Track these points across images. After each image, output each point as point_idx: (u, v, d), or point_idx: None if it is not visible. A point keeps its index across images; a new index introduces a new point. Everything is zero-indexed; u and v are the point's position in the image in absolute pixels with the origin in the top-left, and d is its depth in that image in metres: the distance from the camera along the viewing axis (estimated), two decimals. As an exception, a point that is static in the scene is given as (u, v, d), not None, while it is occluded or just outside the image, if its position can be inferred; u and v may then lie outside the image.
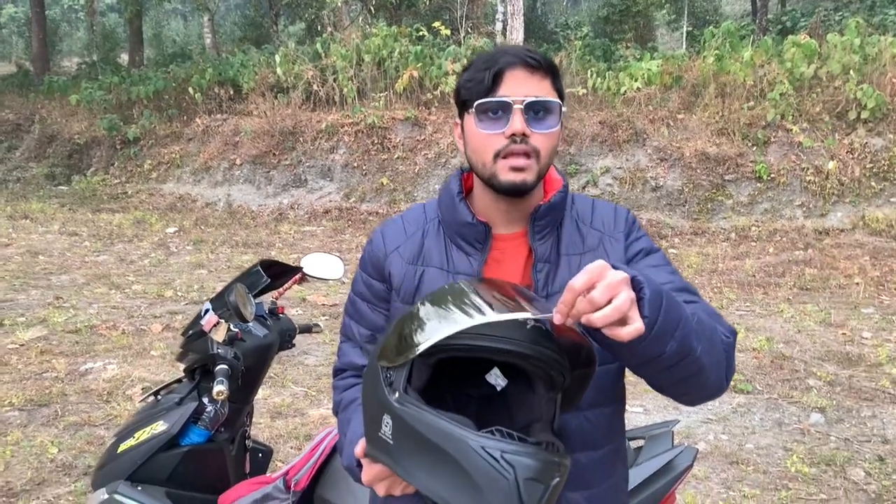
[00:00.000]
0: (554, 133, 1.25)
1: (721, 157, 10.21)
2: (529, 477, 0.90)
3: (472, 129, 1.26)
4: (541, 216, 1.30)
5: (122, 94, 14.87)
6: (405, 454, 0.97)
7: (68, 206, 12.42)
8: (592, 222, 1.36)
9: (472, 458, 0.91)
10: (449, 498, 0.93)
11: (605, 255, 1.30)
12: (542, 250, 1.30)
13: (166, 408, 1.96)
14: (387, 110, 12.12)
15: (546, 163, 1.26)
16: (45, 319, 5.94)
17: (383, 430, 0.99)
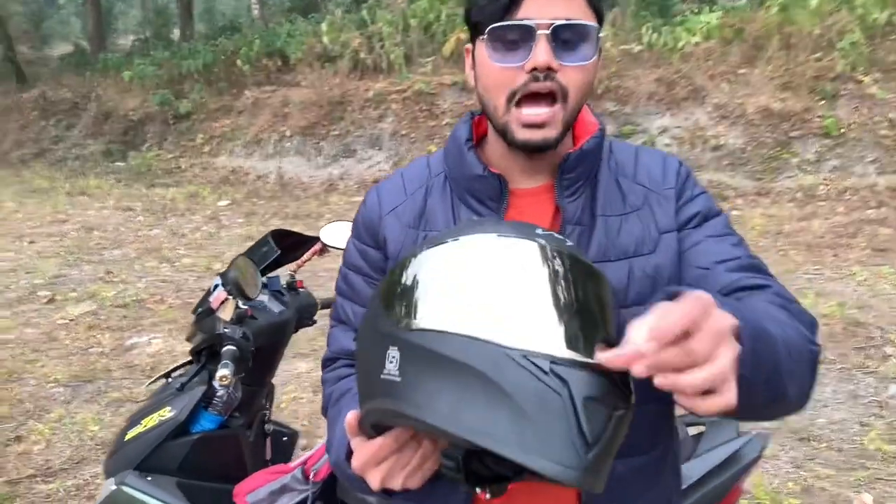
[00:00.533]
0: (589, 66, 0.98)
1: (786, 113, 9.67)
2: (590, 395, 0.68)
3: (484, 60, 1.00)
4: (570, 168, 1.04)
5: (173, 69, 14.96)
6: (417, 387, 0.72)
7: (124, 181, 12.61)
8: (636, 175, 1.10)
9: (510, 372, 0.67)
10: (480, 428, 0.67)
11: (652, 217, 1.06)
12: (572, 209, 1.05)
13: (173, 392, 1.81)
14: (434, 76, 11.87)
15: (576, 106, 1.00)
16: (95, 294, 5.96)
17: (388, 370, 0.74)
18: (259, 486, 1.78)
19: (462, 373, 0.69)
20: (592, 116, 1.11)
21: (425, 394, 0.71)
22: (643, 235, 1.04)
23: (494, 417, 0.67)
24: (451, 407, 0.69)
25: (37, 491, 3.10)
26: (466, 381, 0.69)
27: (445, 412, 0.69)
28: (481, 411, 0.68)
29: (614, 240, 1.04)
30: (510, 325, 0.69)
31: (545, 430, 0.66)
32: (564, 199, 1.05)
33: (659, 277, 1.03)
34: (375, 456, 0.84)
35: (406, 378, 0.73)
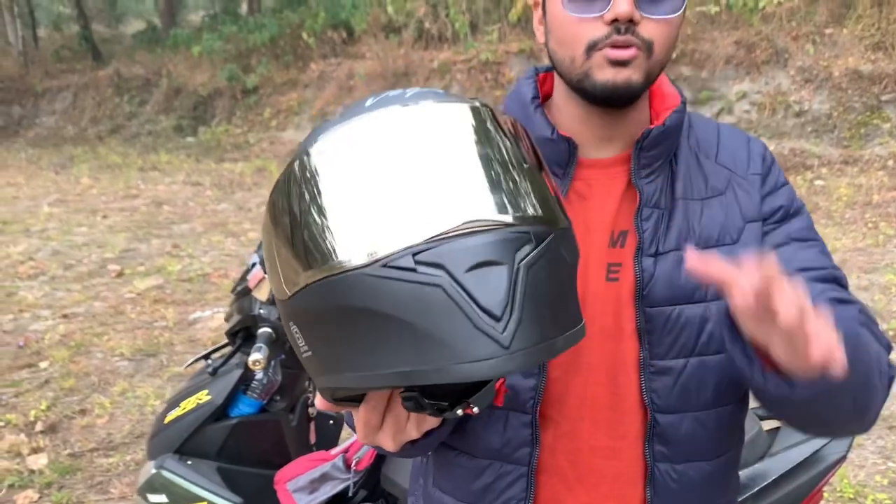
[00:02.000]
0: (674, 19, 0.88)
1: (877, 75, 9.06)
2: (473, 265, 0.54)
3: (557, 11, 0.89)
4: (650, 145, 0.93)
5: (241, 43, 15.10)
6: (322, 354, 0.61)
7: (194, 156, 12.83)
8: (718, 156, 0.98)
9: (381, 292, 0.55)
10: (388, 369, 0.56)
11: (737, 203, 0.95)
12: (651, 191, 0.93)
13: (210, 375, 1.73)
14: (500, 44, 11.61)
15: (661, 61, 0.89)
16: (161, 268, 6.04)
17: (301, 347, 0.63)
18: (300, 474, 1.68)
19: (346, 317, 0.57)
20: (673, 87, 0.99)
21: (332, 358, 0.60)
22: (726, 223, 0.94)
23: (395, 349, 0.56)
24: (356, 359, 0.58)
25: (97, 465, 3.12)
26: (354, 324, 0.57)
27: (353, 368, 0.58)
28: (381, 349, 0.56)
29: (696, 226, 0.93)
30: (368, 236, 0.56)
31: (445, 332, 0.54)
32: (642, 178, 0.94)
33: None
34: (368, 424, 0.74)
35: (313, 349, 0.62)
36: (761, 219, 0.96)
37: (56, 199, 9.37)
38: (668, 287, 0.91)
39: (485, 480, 0.96)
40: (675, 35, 0.91)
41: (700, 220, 0.93)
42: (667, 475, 0.94)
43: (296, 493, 1.68)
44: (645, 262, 0.91)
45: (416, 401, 0.67)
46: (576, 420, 0.94)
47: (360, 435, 0.76)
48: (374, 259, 0.55)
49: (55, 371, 4.07)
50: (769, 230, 0.96)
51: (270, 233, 0.64)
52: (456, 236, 0.55)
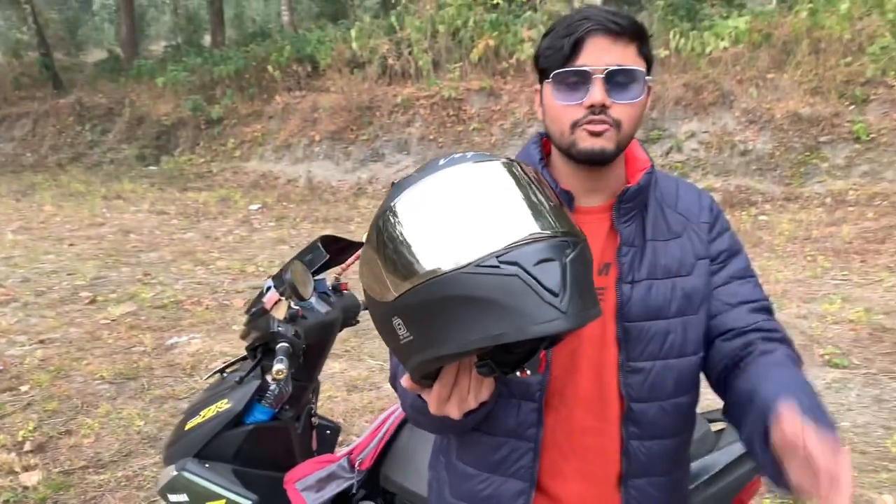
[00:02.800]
0: (637, 103, 1.16)
1: (815, 118, 9.65)
2: (538, 260, 0.82)
3: (550, 99, 1.17)
4: (627, 199, 1.21)
5: (205, 75, 15.27)
6: (426, 335, 0.87)
7: (157, 185, 12.88)
8: (677, 206, 1.28)
9: (476, 283, 0.82)
10: (491, 333, 0.82)
11: (690, 244, 1.25)
12: (628, 234, 1.22)
13: (231, 386, 1.95)
14: (462, 81, 12.01)
15: (628, 133, 1.17)
16: (134, 295, 6.16)
17: (401, 335, 0.90)
18: (308, 474, 1.91)
19: (447, 304, 0.84)
20: (644, 153, 1.28)
21: (433, 336, 0.86)
22: (683, 259, 1.23)
23: (486, 321, 0.82)
24: (455, 333, 0.84)
25: (89, 481, 3.26)
26: (453, 309, 0.83)
27: (453, 339, 0.84)
28: (475, 322, 0.82)
29: (661, 261, 1.22)
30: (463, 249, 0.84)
31: (523, 306, 0.81)
32: (621, 224, 1.21)
33: (693, 296, 1.22)
34: (440, 397, 1.01)
35: (416, 334, 0.88)
36: (708, 258, 1.25)
37: (19, 226, 9.38)
38: (641, 307, 1.19)
39: (502, 453, 1.24)
40: (640, 113, 1.18)
41: (664, 256, 1.22)
42: (638, 449, 1.23)
43: (304, 491, 1.90)
44: (623, 287, 1.19)
45: (489, 366, 0.96)
46: (571, 407, 1.21)
47: (433, 406, 1.02)
48: (468, 262, 0.82)
49: (37, 394, 4.18)
50: (716, 269, 1.25)
51: (374, 253, 0.91)
52: (524, 244, 0.83)
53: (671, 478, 1.28)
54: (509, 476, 1.24)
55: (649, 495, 1.25)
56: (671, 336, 1.20)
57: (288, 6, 18.64)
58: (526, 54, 11.63)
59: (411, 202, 0.89)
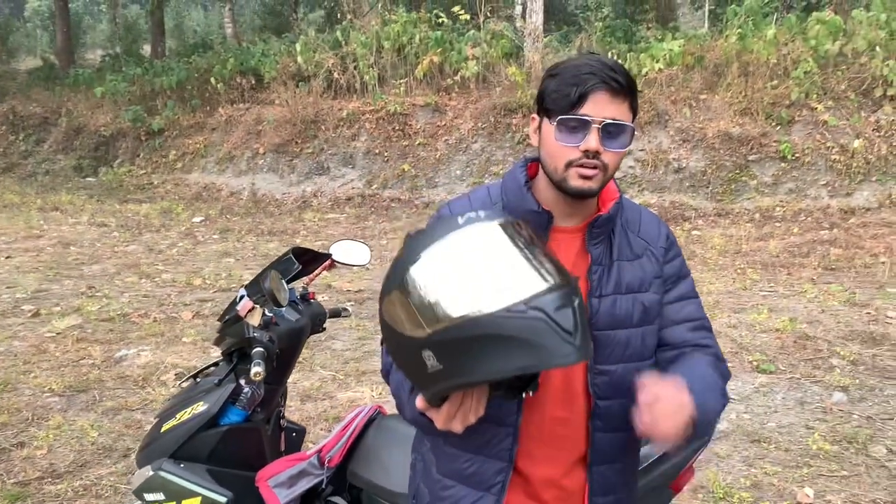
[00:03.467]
0: (622, 153, 1.36)
1: (744, 138, 10.15)
2: (557, 307, 1.01)
3: (550, 137, 1.34)
4: (599, 225, 1.41)
5: (146, 86, 15.08)
6: (458, 365, 1.04)
7: (96, 197, 12.66)
8: (640, 231, 1.48)
9: (507, 324, 1.00)
10: (518, 364, 1.01)
11: (649, 264, 1.45)
12: (597, 254, 1.41)
13: (206, 389, 2.05)
14: (407, 97, 12.18)
15: (611, 175, 1.38)
16: (79, 308, 6.11)
17: (430, 365, 1.06)
18: (279, 472, 2.03)
19: (480, 340, 1.01)
20: (615, 185, 1.47)
21: (466, 365, 1.03)
22: (642, 277, 1.43)
23: (516, 354, 1.00)
24: (488, 363, 1.01)
25: (46, 491, 3.27)
26: (486, 344, 1.01)
27: (486, 368, 1.02)
28: (505, 355, 1.01)
29: (625, 278, 1.42)
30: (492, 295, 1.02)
31: (547, 343, 1.00)
32: (592, 245, 1.41)
33: (650, 309, 1.43)
34: (449, 415, 1.18)
35: (446, 364, 1.05)
36: (663, 278, 1.46)
37: (-48, 238, 9.13)
38: (607, 318, 1.39)
39: (486, 437, 1.40)
40: (622, 159, 1.39)
41: (627, 274, 1.42)
42: (601, 440, 1.42)
43: (276, 488, 2.02)
44: (592, 301, 1.38)
45: (505, 389, 1.19)
46: (545, 401, 1.38)
47: (441, 422, 1.19)
48: (501, 307, 1.00)
49: (-16, 407, 4.15)
50: (668, 289, 1.47)
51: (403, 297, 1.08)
52: (545, 293, 1.02)
53: (627, 464, 1.50)
54: (491, 457, 1.41)
55: (609, 479, 1.45)
56: (632, 343, 1.40)
57: (231, 18, 18.55)
58: (470, 71, 11.90)
59: (442, 255, 1.06)
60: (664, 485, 1.93)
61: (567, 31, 15.69)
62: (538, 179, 1.45)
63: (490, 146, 11.27)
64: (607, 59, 1.33)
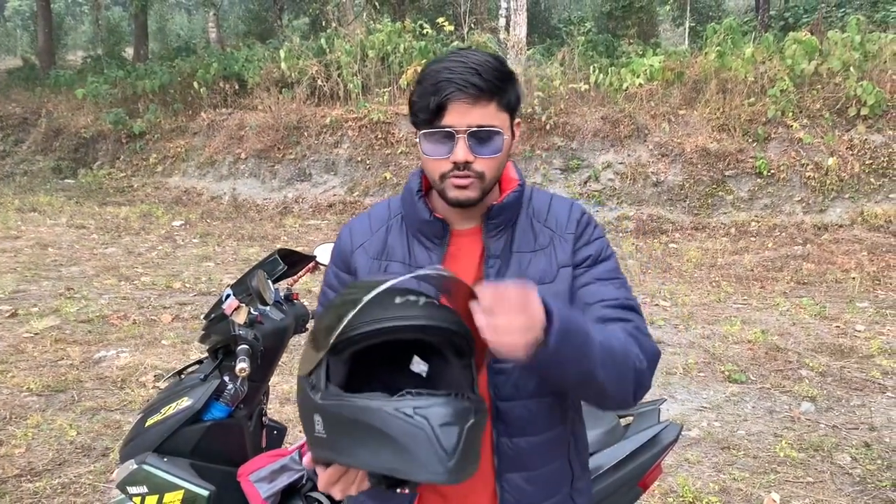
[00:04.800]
0: (497, 157, 1.29)
1: (722, 153, 10.33)
2: (443, 423, 0.97)
3: (421, 151, 1.30)
4: (493, 215, 1.35)
5: (128, 89, 15.04)
6: (340, 442, 1.02)
7: (75, 199, 12.58)
8: (546, 220, 1.40)
9: (391, 422, 0.98)
10: (386, 465, 0.99)
11: (554, 254, 1.36)
12: (495, 247, 1.35)
13: (191, 385, 2.10)
14: (391, 105, 12.25)
15: (492, 179, 1.31)
16: (57, 310, 6.09)
17: (318, 430, 1.06)
18: (261, 467, 2.07)
19: (365, 429, 1.00)
20: (515, 173, 1.41)
21: (346, 446, 1.04)
22: (547, 269, 1.35)
23: (391, 454, 0.99)
24: (365, 452, 1.02)
25: (24, 489, 3.28)
26: (369, 433, 1.00)
27: (362, 457, 1.02)
28: (382, 452, 0.99)
29: (525, 271, 1.34)
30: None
31: (420, 454, 0.98)
32: (489, 238, 1.36)
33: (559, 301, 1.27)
34: (331, 477, 1.14)
35: (329, 435, 1.06)
36: (573, 265, 1.35)
37: (-72, 237, 9.05)
38: None
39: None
40: (502, 160, 1.31)
41: (528, 266, 1.34)
42: (506, 445, 1.33)
43: (257, 483, 2.07)
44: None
45: (378, 479, 1.10)
46: None
47: (321, 485, 1.16)
48: (392, 401, 1.01)
49: (-39, 406, 4.14)
50: (580, 273, 1.35)
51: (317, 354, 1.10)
52: (439, 404, 1.01)
53: (545, 472, 1.36)
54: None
55: (522, 490, 1.34)
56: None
57: (216, 23, 18.55)
58: (453, 82, 11.98)
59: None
60: (632, 482, 2.01)
61: (550, 45, 15.86)
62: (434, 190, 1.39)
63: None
64: (471, 57, 1.25)
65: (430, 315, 1.08)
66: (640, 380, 1.25)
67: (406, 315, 1.07)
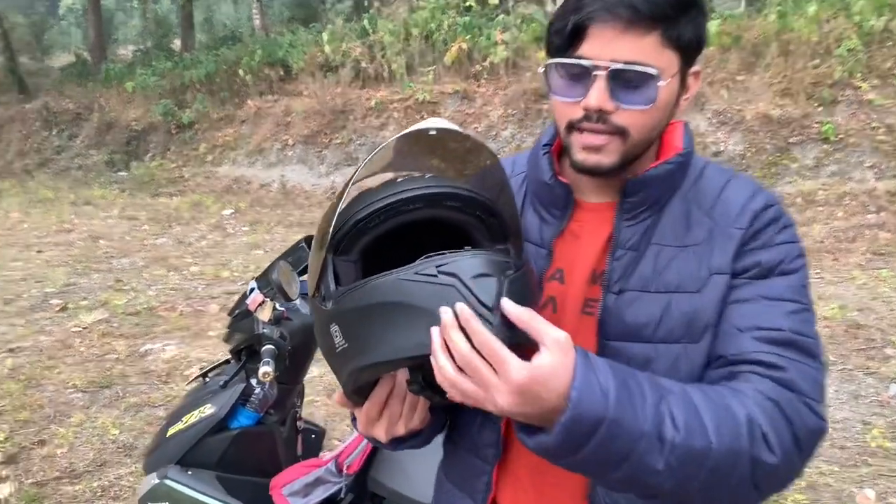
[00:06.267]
0: (649, 111, 0.93)
1: (785, 119, 9.79)
2: (477, 274, 0.79)
3: (547, 86, 0.98)
4: (631, 192, 1.00)
5: (176, 80, 15.09)
6: (361, 341, 0.83)
7: (128, 191, 12.71)
8: (712, 208, 1.01)
9: (413, 289, 0.79)
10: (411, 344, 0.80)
11: (709, 254, 0.98)
12: (627, 234, 1.01)
13: (213, 390, 1.91)
14: (436, 84, 12.00)
15: (640, 143, 0.96)
16: (106, 302, 6.04)
17: (338, 343, 0.86)
18: (294, 479, 1.87)
19: (383, 310, 0.81)
20: (681, 139, 1.04)
21: (367, 342, 0.83)
22: (693, 272, 0.98)
23: (420, 330, 0.79)
24: (389, 340, 0.81)
25: (63, 492, 3.18)
26: (389, 315, 0.80)
27: (385, 346, 0.81)
28: (408, 331, 0.80)
29: (661, 271, 0.99)
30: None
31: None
32: (623, 221, 1.02)
33: (696, 319, 0.96)
34: (368, 416, 0.96)
35: (350, 341, 0.85)
36: (730, 273, 0.97)
37: (-15, 233, 9.18)
38: (619, 323, 0.98)
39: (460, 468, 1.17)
40: (659, 119, 0.95)
41: (667, 266, 0.98)
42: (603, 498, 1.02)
43: (291, 496, 1.86)
44: (608, 298, 0.99)
45: (420, 384, 0.90)
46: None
47: (361, 425, 0.98)
48: (409, 267, 0.80)
49: (7, 404, 4.07)
50: (739, 284, 0.97)
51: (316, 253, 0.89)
52: (465, 257, 0.81)
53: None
54: (465, 493, 1.14)
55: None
56: (653, 366, 0.96)
57: (259, 10, 18.50)
58: (499, 57, 11.66)
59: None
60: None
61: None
62: None
63: (520, 133, 11.03)
64: None
65: (439, 183, 0.88)
66: (765, 478, 0.86)
67: (410, 188, 0.87)
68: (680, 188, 1.03)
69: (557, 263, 1.05)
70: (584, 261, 1.04)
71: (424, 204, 0.86)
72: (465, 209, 0.88)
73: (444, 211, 0.87)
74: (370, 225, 0.86)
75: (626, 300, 0.98)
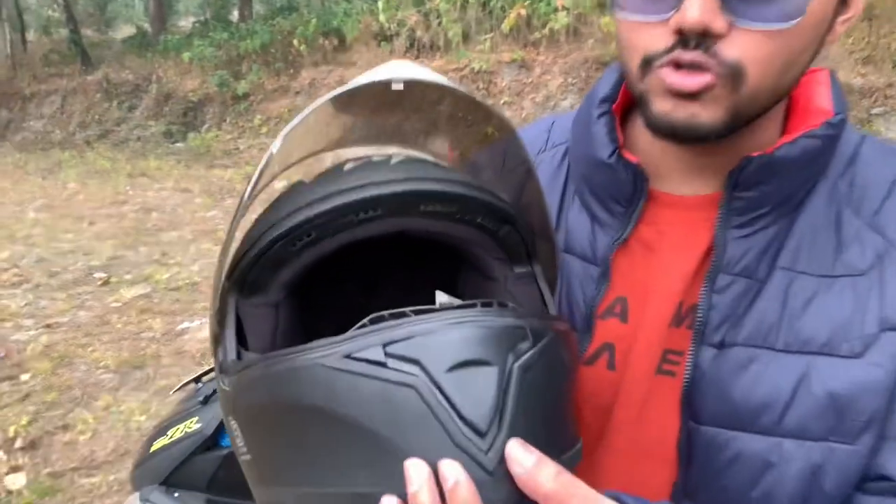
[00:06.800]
0: (788, 34, 0.57)
1: (868, 89, 9.15)
2: (458, 362, 0.44)
3: (616, 13, 0.63)
4: (748, 182, 0.63)
5: (232, 50, 15.03)
6: (267, 461, 0.51)
7: (184, 162, 12.72)
8: (878, 212, 0.64)
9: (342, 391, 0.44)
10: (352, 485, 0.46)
11: (880, 294, 0.61)
12: (738, 251, 0.64)
13: (202, 401, 1.65)
14: (493, 53, 11.60)
15: (759, 89, 0.59)
16: (149, 276, 5.93)
17: (240, 447, 0.54)
18: None
19: (293, 420, 0.47)
20: (829, 99, 0.68)
21: (272, 467, 0.50)
22: (848, 321, 0.61)
23: (351, 463, 0.45)
24: (303, 472, 0.48)
25: (79, 485, 3.02)
26: (302, 429, 0.47)
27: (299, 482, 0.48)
28: (335, 460, 0.46)
29: (796, 316, 0.62)
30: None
31: (415, 448, 0.43)
32: (729, 230, 0.64)
33: (853, 404, 0.59)
34: None
35: (253, 453, 0.53)
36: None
37: (42, 204, 9.24)
38: (720, 398, 0.62)
39: None
40: (799, 49, 0.60)
41: (806, 308, 0.62)
42: None
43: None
44: (704, 353, 0.63)
45: None
46: None
47: None
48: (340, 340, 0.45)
49: (37, 384, 3.96)
50: None
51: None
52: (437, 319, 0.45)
53: None
54: None
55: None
56: (774, 472, 0.61)
57: (316, -22, 18.29)
58: (560, 24, 11.17)
59: None
60: None
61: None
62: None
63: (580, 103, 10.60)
64: None
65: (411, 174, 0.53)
66: None
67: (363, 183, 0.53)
68: (825, 178, 0.65)
69: (618, 289, 0.69)
70: (664, 288, 0.68)
71: (387, 210, 0.52)
72: (455, 216, 0.53)
73: (420, 220, 0.53)
74: (295, 247, 0.53)
75: (734, 360, 0.63)
